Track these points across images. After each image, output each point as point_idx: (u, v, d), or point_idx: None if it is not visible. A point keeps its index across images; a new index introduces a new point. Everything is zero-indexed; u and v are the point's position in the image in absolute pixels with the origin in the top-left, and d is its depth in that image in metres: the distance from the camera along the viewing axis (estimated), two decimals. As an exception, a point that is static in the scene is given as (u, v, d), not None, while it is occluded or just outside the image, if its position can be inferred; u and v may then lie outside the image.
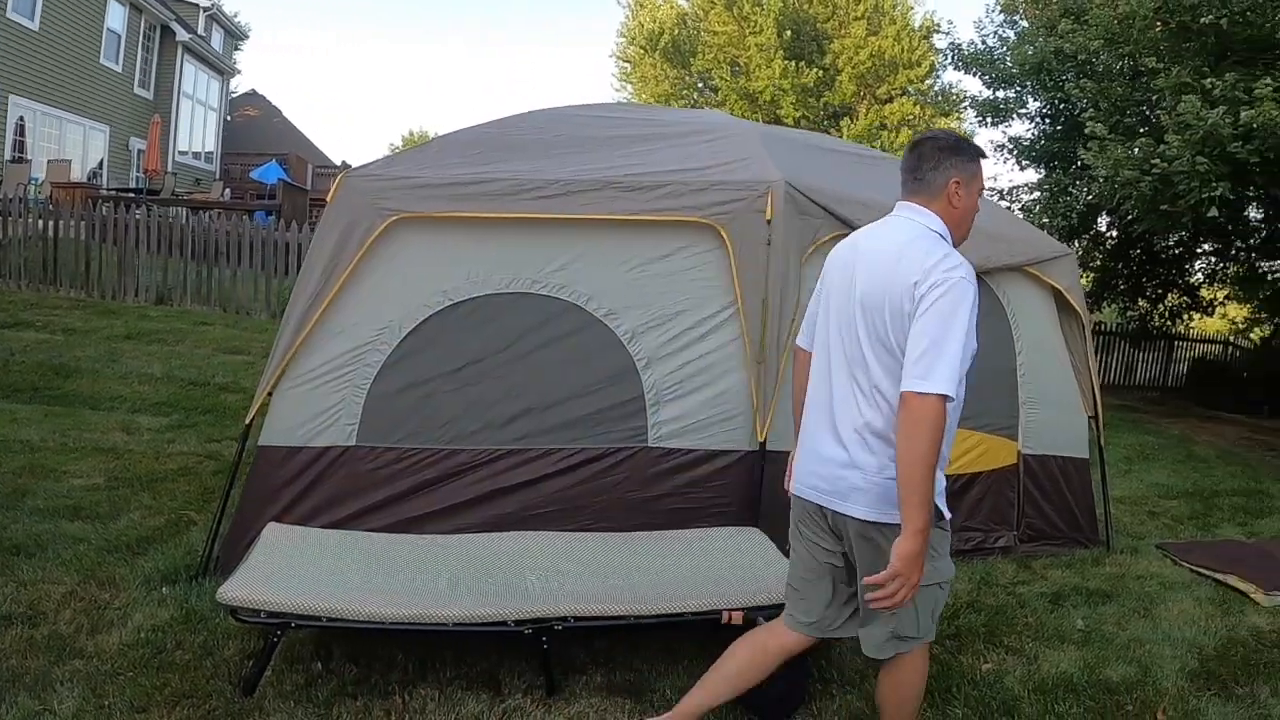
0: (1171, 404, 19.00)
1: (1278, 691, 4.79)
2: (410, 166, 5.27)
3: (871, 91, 29.77)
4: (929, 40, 30.01)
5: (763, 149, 5.88)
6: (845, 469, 3.17)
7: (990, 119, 17.81)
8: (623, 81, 34.52)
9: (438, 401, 5.22)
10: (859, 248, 3.31)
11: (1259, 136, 9.67)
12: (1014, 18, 18.72)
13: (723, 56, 29.79)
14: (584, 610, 4.05)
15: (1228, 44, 11.05)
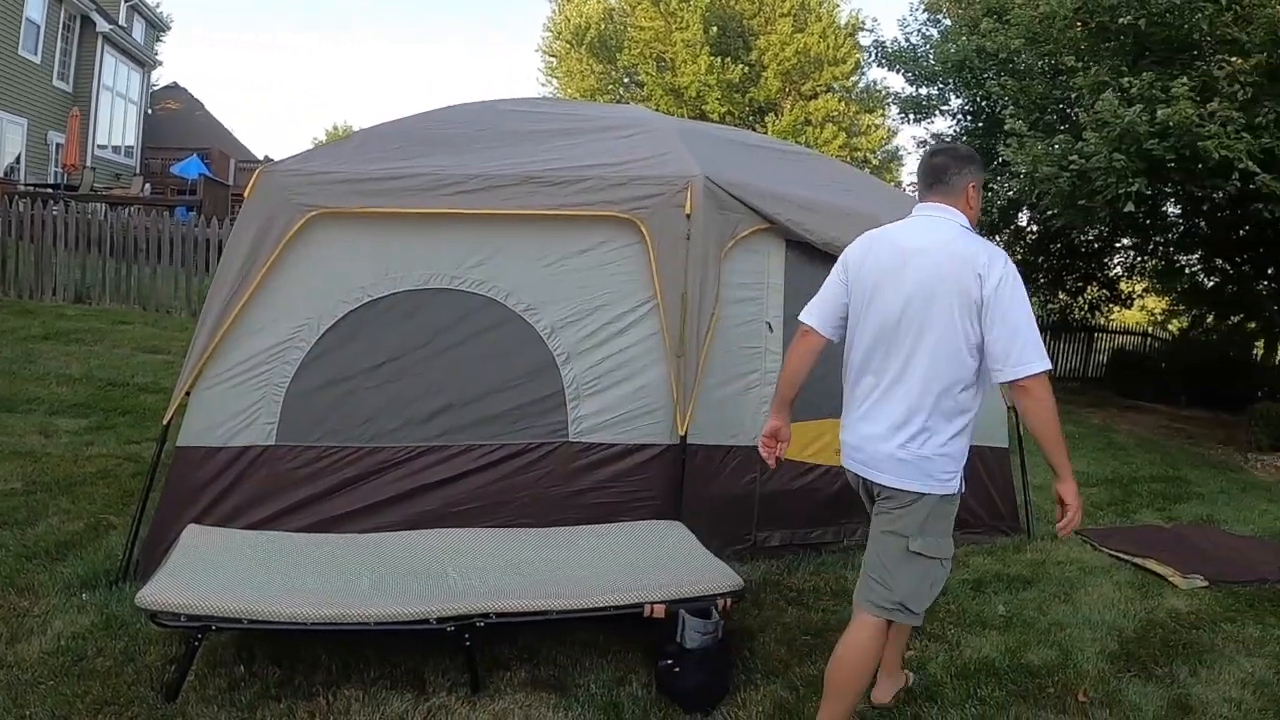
0: (1092, 394, 19.31)
1: (1196, 671, 4.93)
2: (329, 161, 5.21)
3: (796, 88, 29.98)
4: (854, 38, 30.29)
5: (682, 144, 5.90)
6: (875, 440, 3.57)
7: (913, 116, 18.10)
8: (548, 76, 34.53)
9: (357, 399, 5.17)
10: (908, 248, 3.56)
11: (1175, 134, 9.90)
12: (937, 16, 18.98)
13: (649, 52, 29.84)
14: (506, 606, 4.04)
15: (1146, 44, 11.29)
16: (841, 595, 5.47)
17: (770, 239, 5.86)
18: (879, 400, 3.57)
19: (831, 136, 28.65)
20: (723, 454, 5.76)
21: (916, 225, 3.65)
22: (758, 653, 4.66)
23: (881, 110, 30.18)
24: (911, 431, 3.48)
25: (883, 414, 3.55)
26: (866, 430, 3.61)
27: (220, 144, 33.07)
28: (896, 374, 3.51)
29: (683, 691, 4.06)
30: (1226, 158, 9.70)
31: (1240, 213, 11.93)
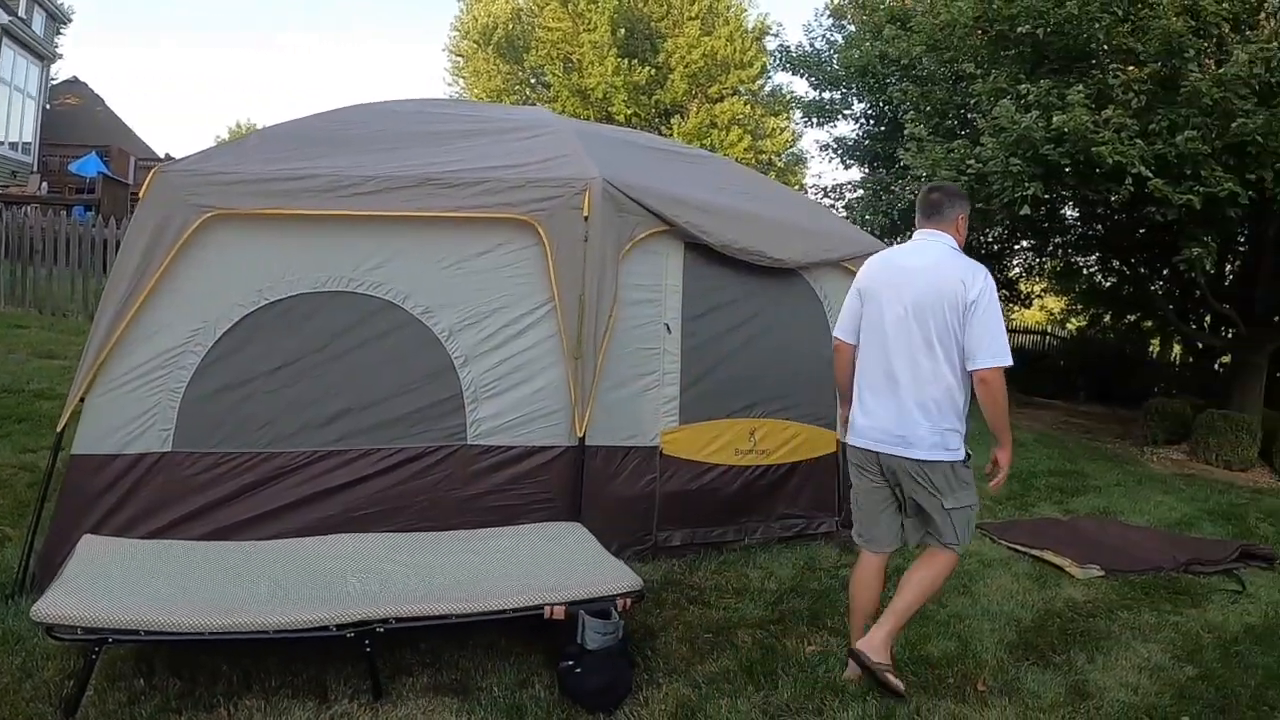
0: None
1: (1093, 658, 5.11)
2: (226, 161, 5.13)
3: (703, 90, 30.10)
4: (761, 42, 30.49)
5: (581, 147, 5.93)
6: (902, 425, 4.33)
7: (816, 119, 18.31)
8: (455, 76, 34.30)
9: (255, 404, 5.11)
10: (906, 266, 4.46)
11: (1070, 140, 10.16)
12: (842, 22, 19.23)
13: (556, 53, 29.78)
14: (405, 611, 4.03)
15: (1044, 52, 11.55)
16: (743, 593, 5.55)
17: (668, 241, 5.91)
18: (904, 392, 4.34)
19: (737, 139, 28.80)
20: (622, 455, 5.80)
21: (916, 247, 4.55)
22: (660, 651, 4.70)
23: (787, 114, 30.41)
24: (933, 413, 4.30)
25: (909, 402, 4.33)
26: (896, 415, 4.37)
27: (120, 141, 32.29)
28: (913, 369, 4.32)
29: (585, 692, 4.08)
30: (1120, 163, 9.96)
31: (1135, 216, 12.21)
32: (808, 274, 6.58)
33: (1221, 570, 7.02)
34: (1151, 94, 10.53)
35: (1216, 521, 8.98)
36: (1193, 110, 10.13)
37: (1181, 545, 7.59)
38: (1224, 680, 4.97)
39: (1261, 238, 13.53)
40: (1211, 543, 7.85)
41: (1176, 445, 13.42)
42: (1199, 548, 7.54)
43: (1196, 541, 7.89)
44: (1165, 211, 10.39)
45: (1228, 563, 7.16)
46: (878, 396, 4.44)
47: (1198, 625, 5.81)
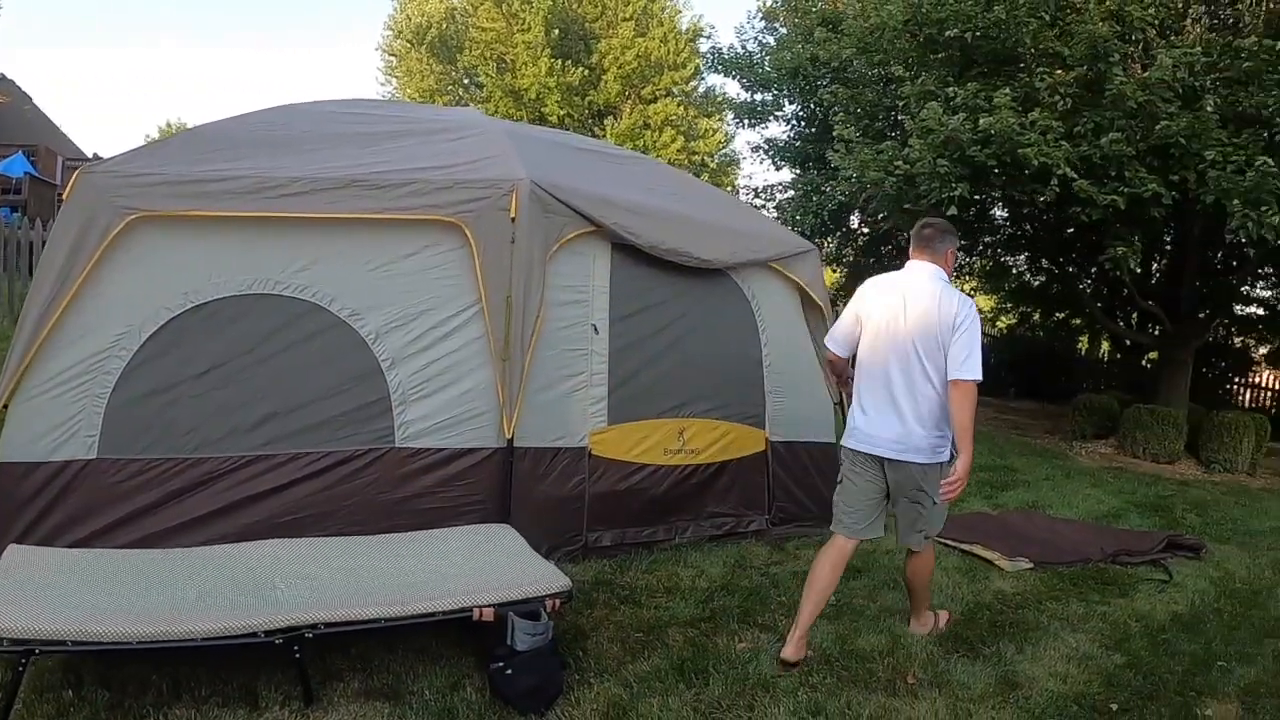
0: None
1: (1022, 648, 5.20)
2: (151, 162, 5.05)
3: (636, 91, 30.08)
4: (695, 43, 30.55)
5: (510, 147, 5.92)
6: (906, 433, 4.82)
7: (748, 121, 18.40)
8: (388, 76, 34.01)
9: (181, 409, 5.04)
10: (902, 292, 4.91)
11: (996, 142, 10.32)
12: (774, 24, 19.34)
13: (490, 53, 29.62)
14: (334, 616, 3.99)
15: (972, 56, 11.71)
16: (674, 592, 5.57)
17: (596, 242, 5.93)
18: (902, 403, 4.83)
19: (670, 140, 28.81)
20: (550, 456, 5.80)
21: (911, 274, 4.98)
22: (591, 651, 4.71)
23: (719, 115, 30.50)
24: (928, 422, 4.81)
25: (910, 412, 4.81)
26: (899, 426, 4.84)
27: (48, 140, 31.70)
28: (910, 385, 4.81)
29: (515, 693, 4.07)
30: (1046, 164, 10.15)
31: (1061, 216, 12.40)
32: (736, 274, 6.64)
33: (1149, 560, 7.18)
34: (1077, 97, 10.73)
35: (1144, 513, 9.18)
36: (1117, 113, 10.36)
37: (1109, 537, 7.75)
38: (1152, 668, 5.08)
39: (1186, 237, 13.85)
40: (1138, 534, 8.03)
41: (1104, 439, 13.71)
42: (1126, 539, 7.71)
43: (1124, 533, 8.06)
44: (1090, 212, 10.57)
45: (1154, 553, 7.32)
46: (880, 408, 4.90)
47: (1125, 614, 5.93)
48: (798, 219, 15.65)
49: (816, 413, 7.17)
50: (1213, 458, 12.69)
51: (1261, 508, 10.23)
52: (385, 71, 34.07)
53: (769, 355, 6.85)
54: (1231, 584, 6.86)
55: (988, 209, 14.47)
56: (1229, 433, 12.67)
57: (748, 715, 4.22)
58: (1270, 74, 9.93)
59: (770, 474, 6.85)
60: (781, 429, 6.91)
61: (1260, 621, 6.06)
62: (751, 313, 6.70)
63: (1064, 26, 10.80)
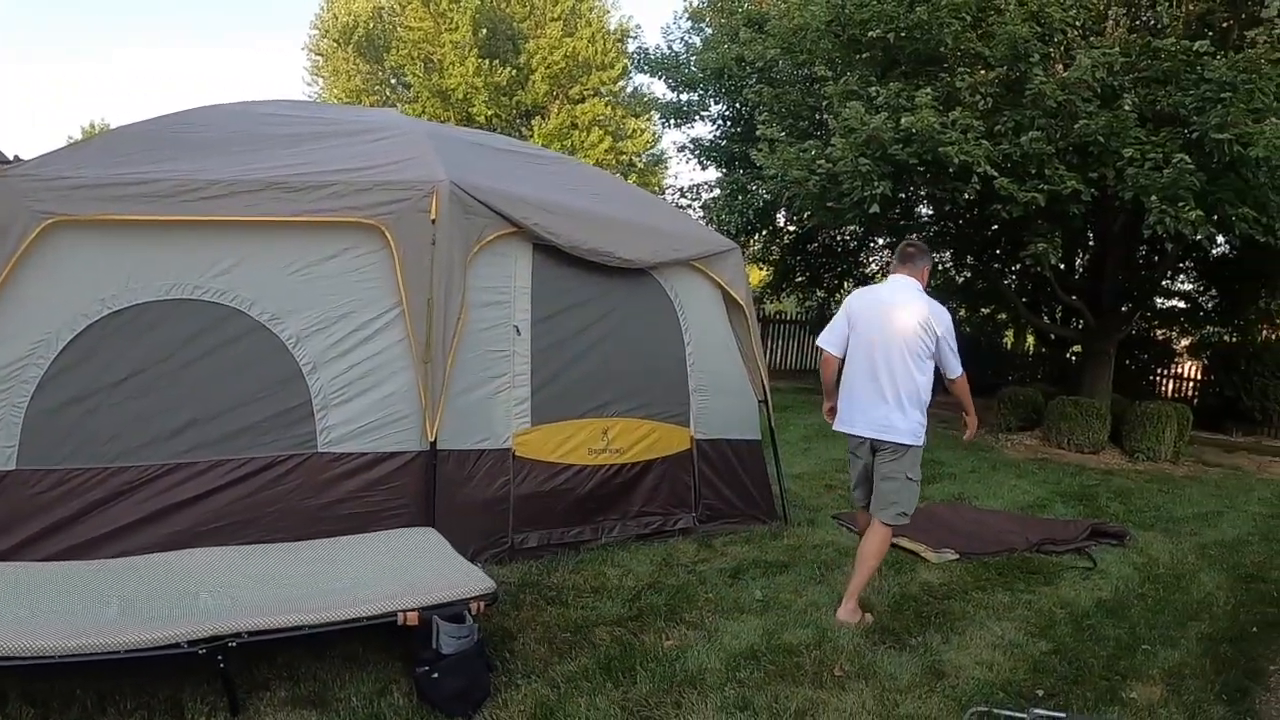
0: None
1: (948, 638, 5.28)
2: (68, 165, 4.97)
3: (564, 91, 30.06)
4: (623, 44, 30.60)
5: (431, 149, 5.91)
6: (890, 418, 5.49)
7: (674, 121, 18.46)
8: (314, 75, 33.65)
9: (101, 417, 4.95)
10: (887, 301, 5.63)
11: (918, 140, 10.45)
12: (700, 25, 19.42)
13: (417, 53, 29.43)
14: (257, 624, 3.94)
15: (895, 56, 11.87)
16: (601, 592, 5.58)
17: (517, 243, 5.93)
18: (886, 393, 5.48)
19: (598, 140, 28.83)
20: (474, 458, 5.79)
21: (893, 285, 5.70)
22: (518, 653, 4.70)
23: (647, 115, 30.56)
24: (909, 409, 5.48)
25: (893, 400, 5.47)
26: (885, 411, 5.50)
27: (-36, 147, 31.20)
28: (892, 377, 5.47)
29: (442, 697, 4.07)
30: (967, 162, 10.30)
31: (984, 213, 12.58)
32: (658, 274, 6.68)
33: (1073, 549, 7.33)
34: (998, 96, 10.93)
35: (1069, 502, 9.36)
36: (1037, 112, 10.56)
37: (1034, 526, 7.91)
38: (1077, 653, 5.20)
39: (1107, 233, 14.10)
40: (1063, 523, 8.19)
41: (1029, 431, 13.96)
42: (1051, 528, 7.87)
43: (1048, 522, 8.23)
44: (1011, 209, 10.74)
45: (1079, 541, 7.49)
46: (869, 397, 5.56)
47: (1051, 602, 6.05)
48: (724, 218, 15.76)
49: (741, 410, 7.23)
50: (1136, 447, 12.94)
51: (1184, 495, 10.46)
52: (312, 71, 33.70)
53: (692, 354, 6.89)
54: (1155, 569, 7.03)
55: (912, 207, 14.62)
56: (1152, 422, 12.91)
57: (675, 712, 4.23)
58: (1188, 74, 10.17)
59: (696, 472, 6.89)
60: (706, 427, 6.96)
61: (1183, 605, 6.21)
62: (675, 312, 6.75)
63: (986, 28, 10.97)
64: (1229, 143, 9.61)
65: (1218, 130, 9.63)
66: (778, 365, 21.93)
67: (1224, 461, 13.69)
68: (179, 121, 5.77)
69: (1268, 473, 13.10)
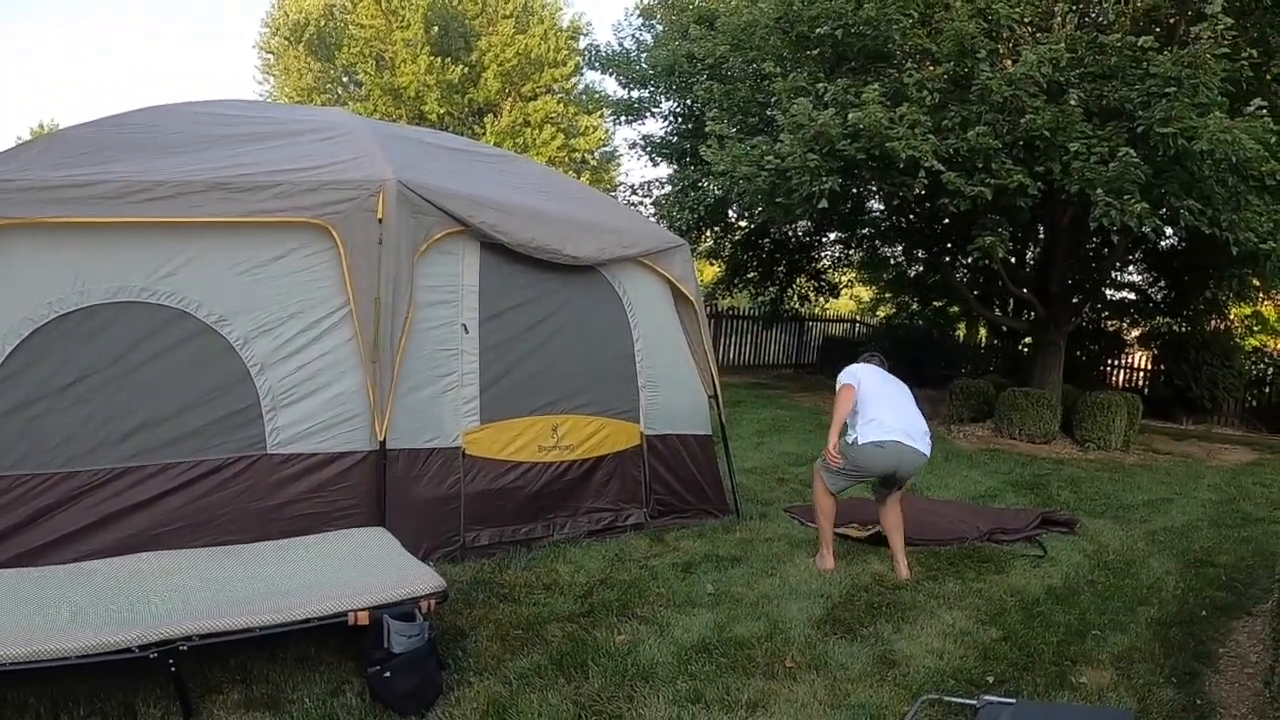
0: (804, 380, 20.15)
1: (899, 628, 5.35)
2: (12, 167, 4.92)
3: (517, 89, 30.03)
4: (575, 41, 30.61)
5: (378, 147, 5.90)
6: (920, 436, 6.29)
7: (625, 118, 18.48)
8: (265, 74, 33.40)
9: (48, 422, 4.90)
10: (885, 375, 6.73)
11: (865, 136, 10.50)
12: (651, 22, 19.45)
13: (369, 51, 29.30)
14: (207, 627, 3.92)
15: (844, 53, 11.95)
16: (552, 588, 5.60)
17: (465, 241, 5.94)
18: (906, 415, 6.35)
19: (550, 138, 28.84)
20: (424, 457, 5.80)
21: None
22: (470, 650, 4.72)
23: (599, 112, 30.58)
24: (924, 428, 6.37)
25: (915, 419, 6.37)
26: (910, 428, 6.27)
27: (-94, 150, 30.70)
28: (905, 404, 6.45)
29: (395, 696, 4.08)
30: (914, 157, 10.38)
31: (933, 207, 12.68)
32: (607, 271, 6.71)
33: (1024, 537, 7.44)
34: (945, 92, 11.02)
35: (1020, 492, 9.49)
36: (984, 107, 10.67)
37: (985, 516, 8.00)
38: (1026, 639, 5.27)
39: (1055, 226, 14.26)
40: (1013, 512, 8.30)
41: (981, 423, 14.10)
42: (1001, 517, 7.96)
43: (999, 512, 8.33)
44: (959, 203, 10.86)
45: (1029, 530, 7.59)
46: (905, 418, 6.33)
47: (1001, 590, 6.13)
48: (675, 215, 15.81)
49: (691, 406, 7.29)
50: (1087, 436, 13.12)
51: (1134, 482, 10.64)
52: (263, 70, 33.44)
53: (641, 350, 6.93)
54: (1105, 556, 7.14)
55: (864, 201, 14.73)
56: (1102, 412, 13.10)
57: (628, 706, 4.26)
58: (1134, 69, 10.32)
59: (647, 467, 6.93)
60: (656, 423, 7.00)
61: (1133, 590, 6.32)
62: (623, 308, 6.78)
63: (934, 24, 11.08)
64: (1174, 136, 9.77)
65: (1163, 124, 9.78)
66: (732, 361, 22.03)
67: (1174, 449, 13.91)
68: (125, 122, 5.74)
69: (1217, 460, 13.34)
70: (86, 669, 3.83)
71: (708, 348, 7.42)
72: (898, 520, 6.42)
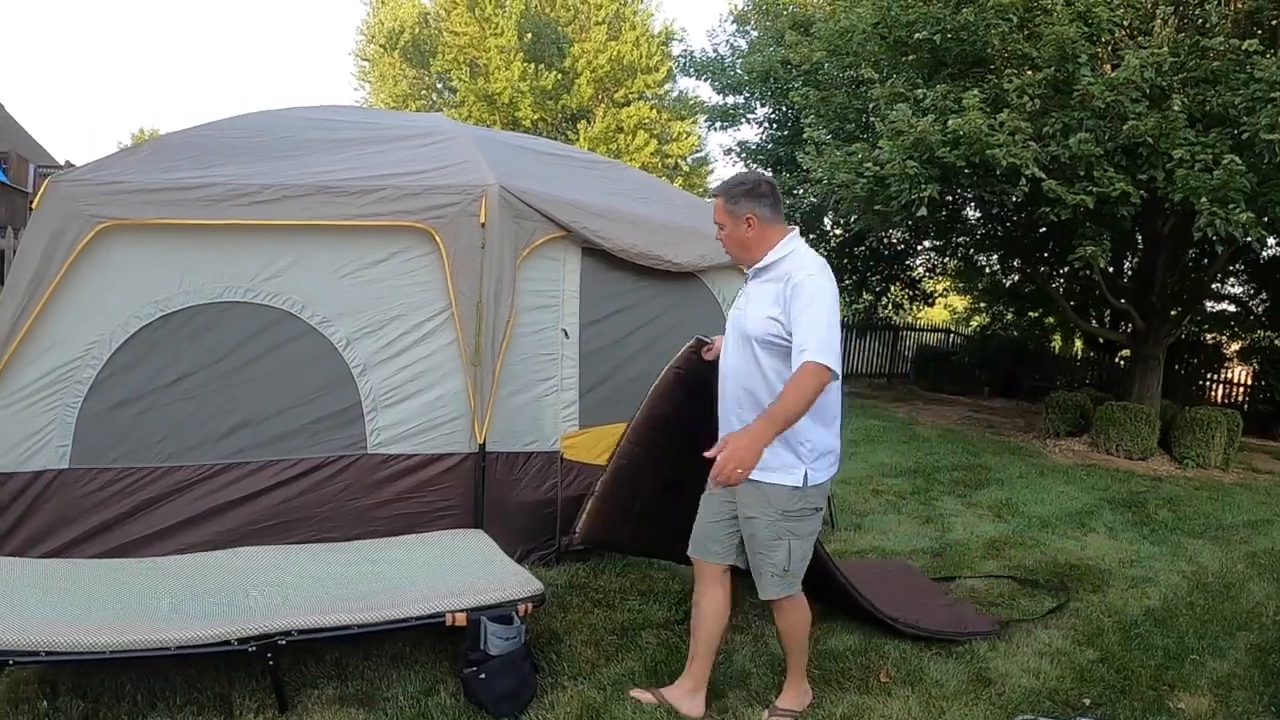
0: (897, 389, 19.97)
1: (995, 645, 5.24)
2: (121, 171, 5.03)
3: (610, 95, 30.13)
4: (667, 47, 30.64)
5: (479, 153, 5.93)
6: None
7: (720, 124, 18.46)
8: (361, 80, 33.96)
9: (153, 418, 5.02)
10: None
11: (965, 143, 10.35)
12: (745, 28, 19.42)
13: (463, 57, 29.62)
14: (306, 623, 3.98)
15: (942, 58, 11.78)
16: (647, 595, 5.57)
17: (566, 247, 5.94)
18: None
19: (643, 144, 28.89)
20: (523, 460, 5.82)
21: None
22: (564, 655, 4.71)
23: (692, 118, 30.58)
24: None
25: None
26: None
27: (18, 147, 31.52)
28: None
29: (490, 697, 4.09)
30: (1015, 165, 10.19)
31: (1032, 216, 12.48)
32: (705, 277, 6.69)
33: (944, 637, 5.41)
34: (1045, 98, 10.80)
35: (1117, 509, 9.25)
36: (1086, 113, 10.43)
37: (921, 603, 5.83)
38: (1124, 662, 5.14)
39: (1156, 235, 13.92)
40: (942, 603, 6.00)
41: (1078, 437, 13.78)
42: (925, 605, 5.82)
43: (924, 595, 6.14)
44: (1059, 211, 10.62)
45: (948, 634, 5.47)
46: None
47: (1098, 610, 5.98)
48: (771, 221, 15.70)
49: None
50: (1185, 453, 12.75)
51: (1234, 502, 10.33)
52: (358, 77, 34.05)
53: (741, 357, 6.84)
54: (1204, 578, 6.94)
55: (960, 209, 14.54)
56: (1201, 429, 12.73)
57: (721, 716, 4.24)
58: (1237, 73, 10.02)
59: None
60: (755, 429, 6.90)
61: (1232, 614, 6.13)
62: (721, 315, 6.68)
63: (1032, 28, 10.87)
64: (1279, 144, 9.50)
65: (1268, 130, 9.48)
66: (823, 369, 21.76)
67: (1275, 468, 13.49)
68: (228, 127, 5.82)
69: (1321, 480, 12.92)
70: (182, 659, 3.89)
71: (806, 356, 7.29)
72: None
